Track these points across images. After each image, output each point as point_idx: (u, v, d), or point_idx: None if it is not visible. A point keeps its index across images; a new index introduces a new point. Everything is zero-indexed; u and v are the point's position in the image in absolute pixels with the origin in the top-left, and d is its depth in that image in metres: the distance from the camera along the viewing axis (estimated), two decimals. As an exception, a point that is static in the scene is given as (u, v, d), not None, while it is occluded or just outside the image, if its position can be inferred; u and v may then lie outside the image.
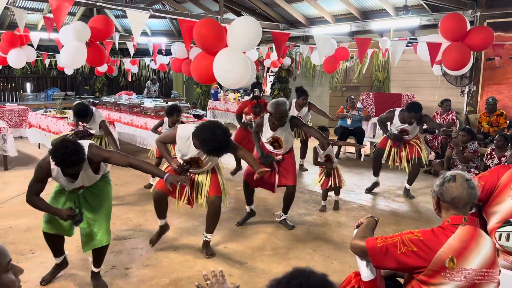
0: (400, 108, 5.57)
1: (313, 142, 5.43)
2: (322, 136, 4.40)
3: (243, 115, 6.62)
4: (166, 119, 5.46)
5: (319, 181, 4.97)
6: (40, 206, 2.92)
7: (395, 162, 5.60)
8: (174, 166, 3.51)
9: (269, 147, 4.47)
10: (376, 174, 5.74)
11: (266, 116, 4.40)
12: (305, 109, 6.87)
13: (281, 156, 4.43)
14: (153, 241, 3.82)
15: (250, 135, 6.10)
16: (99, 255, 3.13)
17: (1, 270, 1.19)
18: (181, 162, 3.57)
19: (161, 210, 3.73)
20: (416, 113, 5.29)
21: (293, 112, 6.80)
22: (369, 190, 5.73)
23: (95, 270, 3.17)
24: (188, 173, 3.59)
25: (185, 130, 3.49)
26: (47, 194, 2.97)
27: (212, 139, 3.18)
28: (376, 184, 5.78)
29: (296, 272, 1.17)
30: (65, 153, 2.66)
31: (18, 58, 6.24)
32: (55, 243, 3.17)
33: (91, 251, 3.10)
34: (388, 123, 5.73)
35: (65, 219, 2.90)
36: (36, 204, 2.90)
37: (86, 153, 2.83)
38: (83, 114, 4.85)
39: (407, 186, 5.67)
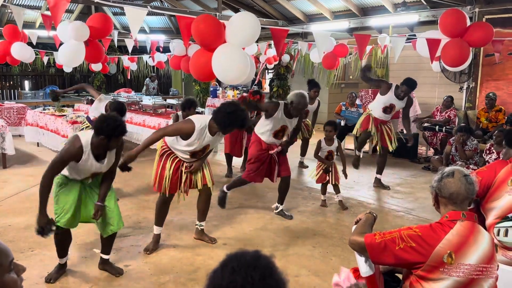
0: (395, 84, 5.56)
1: (315, 139, 5.43)
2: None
3: None
4: (180, 113, 5.22)
5: (316, 175, 4.99)
6: (46, 189, 2.98)
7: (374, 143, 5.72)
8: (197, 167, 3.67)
9: (269, 139, 4.46)
10: (359, 150, 5.81)
11: (282, 104, 4.38)
12: (316, 102, 6.75)
13: (280, 147, 4.49)
14: (149, 249, 3.73)
15: (241, 136, 6.12)
16: (110, 242, 3.28)
17: (3, 270, 1.16)
18: (187, 156, 3.65)
19: (163, 215, 3.81)
20: (408, 87, 5.36)
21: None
22: (356, 166, 5.72)
23: (106, 257, 3.29)
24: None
25: (202, 121, 3.54)
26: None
27: (238, 114, 3.41)
28: (359, 158, 5.81)
29: (228, 258, 1.17)
30: (115, 121, 2.92)
31: (23, 51, 6.21)
32: (64, 243, 3.23)
33: (102, 239, 3.26)
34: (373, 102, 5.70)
35: (38, 227, 2.92)
36: (47, 185, 2.97)
37: None
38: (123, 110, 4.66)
39: (378, 176, 5.76)
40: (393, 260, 1.91)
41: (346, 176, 5.00)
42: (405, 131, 6.34)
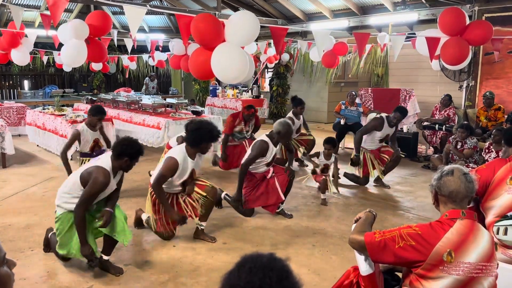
0: (385, 115, 5.76)
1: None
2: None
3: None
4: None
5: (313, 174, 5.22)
6: (82, 223, 3.09)
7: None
8: (176, 217, 3.71)
9: (260, 170, 4.53)
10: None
11: (266, 139, 4.44)
12: (301, 117, 6.81)
13: (271, 170, 4.59)
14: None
15: (237, 150, 6.14)
16: (113, 245, 3.33)
17: None
18: (178, 188, 3.80)
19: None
20: (401, 115, 5.58)
21: (295, 123, 6.75)
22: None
23: (106, 258, 3.31)
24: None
25: (180, 151, 3.73)
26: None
27: (203, 129, 3.64)
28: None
29: (244, 259, 1.20)
30: (137, 144, 3.19)
31: (22, 56, 6.32)
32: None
33: (105, 241, 3.30)
34: (364, 137, 5.74)
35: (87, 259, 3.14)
36: (82, 219, 3.07)
37: None
38: (102, 111, 4.81)
39: (381, 176, 5.79)
40: (393, 259, 1.91)
41: (338, 191, 5.36)
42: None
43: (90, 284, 3.13)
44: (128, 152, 3.12)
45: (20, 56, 6.35)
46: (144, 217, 4.07)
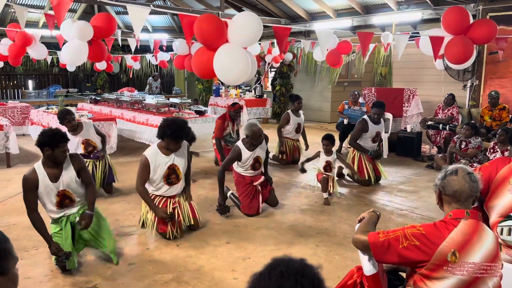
0: (365, 115, 5.95)
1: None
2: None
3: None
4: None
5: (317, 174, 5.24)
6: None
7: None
8: (162, 215, 3.78)
9: (249, 172, 4.62)
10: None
11: (239, 143, 4.56)
12: (301, 114, 6.90)
13: (263, 178, 4.68)
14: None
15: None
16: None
17: (15, 262, 1.33)
18: (164, 187, 3.90)
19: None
20: (378, 108, 5.71)
21: (293, 119, 6.81)
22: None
23: None
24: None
25: (151, 150, 3.86)
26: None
27: (176, 128, 3.76)
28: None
29: (275, 262, 1.18)
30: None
31: (38, 51, 6.45)
32: None
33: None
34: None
35: (53, 252, 3.15)
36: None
37: None
38: (63, 115, 4.87)
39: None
40: (397, 259, 1.91)
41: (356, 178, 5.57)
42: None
43: (93, 283, 3.14)
44: (43, 141, 3.13)
45: (37, 52, 6.46)
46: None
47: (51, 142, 3.11)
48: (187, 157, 4.03)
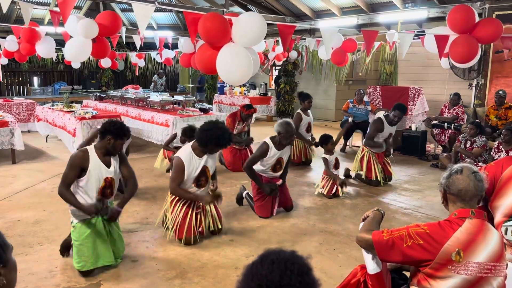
0: (382, 114, 5.88)
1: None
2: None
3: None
4: (179, 134, 5.57)
5: (324, 187, 5.20)
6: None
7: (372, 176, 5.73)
8: (209, 199, 3.74)
9: (269, 174, 4.50)
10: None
11: (268, 140, 4.39)
12: (310, 114, 6.79)
13: (281, 181, 4.57)
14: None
15: (242, 152, 6.21)
16: None
17: (10, 251, 1.27)
18: (193, 189, 3.78)
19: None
20: (400, 112, 5.63)
21: (304, 119, 6.68)
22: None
23: None
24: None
25: (186, 150, 3.76)
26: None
27: (218, 134, 3.62)
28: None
29: (267, 252, 1.28)
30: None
31: (47, 48, 6.44)
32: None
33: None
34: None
35: (94, 211, 3.12)
36: (71, 199, 3.13)
37: None
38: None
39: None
40: (401, 258, 1.90)
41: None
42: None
43: (98, 279, 3.15)
44: (111, 129, 3.16)
45: (45, 49, 6.44)
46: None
47: (117, 132, 3.16)
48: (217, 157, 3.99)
